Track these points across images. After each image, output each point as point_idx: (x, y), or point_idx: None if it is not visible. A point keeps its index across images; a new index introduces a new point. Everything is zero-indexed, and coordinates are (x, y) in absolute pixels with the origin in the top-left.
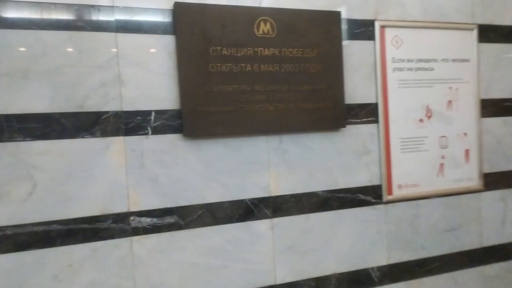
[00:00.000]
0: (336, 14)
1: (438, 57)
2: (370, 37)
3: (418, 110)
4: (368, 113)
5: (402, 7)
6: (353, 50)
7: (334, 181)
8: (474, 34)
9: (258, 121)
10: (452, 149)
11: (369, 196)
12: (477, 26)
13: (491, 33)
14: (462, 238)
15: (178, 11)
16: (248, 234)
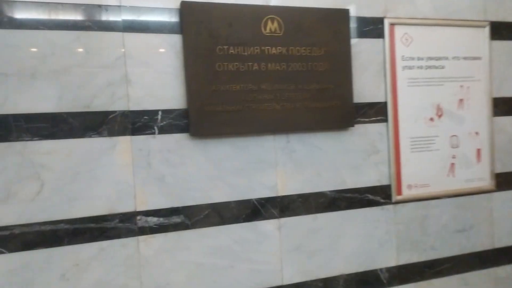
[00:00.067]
0: (344, 12)
1: (449, 55)
2: (380, 35)
3: (428, 109)
4: (377, 112)
5: (412, 4)
6: (362, 48)
7: (342, 181)
8: (486, 31)
9: (265, 120)
10: (463, 148)
11: (378, 196)
12: (489, 23)
13: (504, 30)
14: (473, 239)
15: (185, 10)
16: (255, 234)
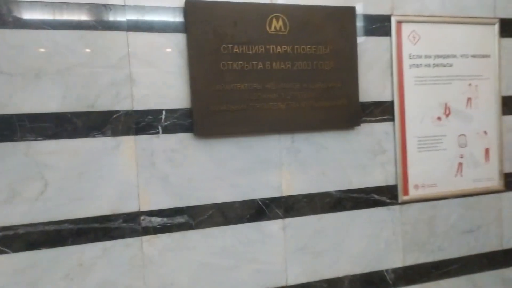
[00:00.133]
0: (350, 10)
1: (457, 52)
2: (386, 33)
3: (436, 108)
4: (383, 111)
5: (419, 2)
6: (368, 46)
7: (348, 180)
8: (496, 29)
9: (270, 120)
10: (471, 148)
11: (384, 196)
12: (498, 20)
13: None
14: (481, 239)
15: (189, 9)
16: (260, 234)
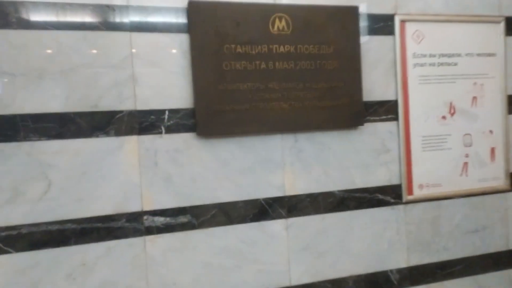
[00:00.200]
0: (353, 9)
1: (462, 51)
2: (390, 32)
3: (440, 107)
4: (387, 110)
5: (423, 0)
6: (371, 45)
7: (351, 180)
8: (501, 27)
9: (273, 119)
10: (476, 147)
11: (388, 196)
12: (504, 18)
13: None
14: (487, 240)
15: (192, 9)
16: (263, 234)
